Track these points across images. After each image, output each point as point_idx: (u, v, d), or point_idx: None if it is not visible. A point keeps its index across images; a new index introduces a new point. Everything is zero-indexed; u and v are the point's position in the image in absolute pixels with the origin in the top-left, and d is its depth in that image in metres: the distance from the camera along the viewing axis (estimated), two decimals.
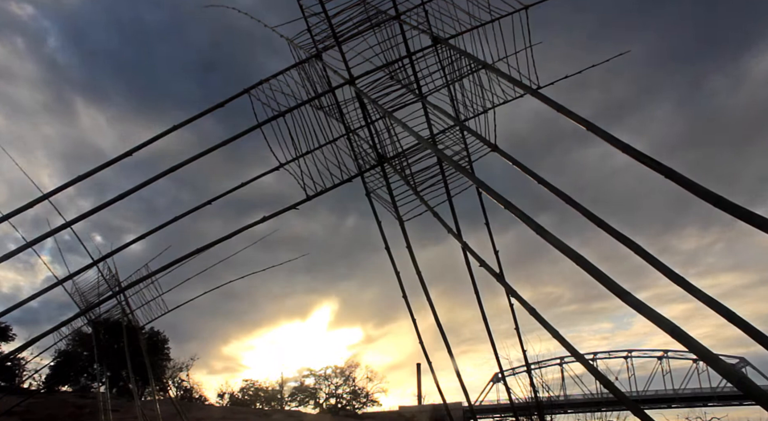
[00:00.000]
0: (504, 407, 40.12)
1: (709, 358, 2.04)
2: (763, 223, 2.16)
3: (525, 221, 3.07)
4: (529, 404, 9.83)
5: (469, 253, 4.70)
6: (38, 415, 12.60)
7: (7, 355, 16.90)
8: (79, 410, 13.57)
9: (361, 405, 34.96)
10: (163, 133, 5.63)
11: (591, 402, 34.04)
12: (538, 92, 4.01)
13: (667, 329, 2.23)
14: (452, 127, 5.79)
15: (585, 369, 3.01)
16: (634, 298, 2.42)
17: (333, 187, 5.69)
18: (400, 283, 5.98)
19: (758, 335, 2.25)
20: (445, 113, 4.82)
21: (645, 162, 2.83)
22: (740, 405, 33.46)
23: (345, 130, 5.81)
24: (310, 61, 5.48)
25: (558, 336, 3.10)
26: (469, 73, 5.35)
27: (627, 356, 54.57)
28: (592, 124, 3.23)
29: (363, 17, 5.30)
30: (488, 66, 4.66)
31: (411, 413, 31.08)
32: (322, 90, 5.56)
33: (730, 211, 2.29)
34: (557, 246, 2.87)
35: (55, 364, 19.78)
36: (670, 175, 2.64)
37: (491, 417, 40.74)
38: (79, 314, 7.34)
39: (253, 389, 33.56)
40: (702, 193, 2.44)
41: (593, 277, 2.61)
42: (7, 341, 18.87)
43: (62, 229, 5.79)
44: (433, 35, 5.14)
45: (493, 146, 5.07)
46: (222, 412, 20.82)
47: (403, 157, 5.92)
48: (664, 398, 50.51)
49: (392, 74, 5.55)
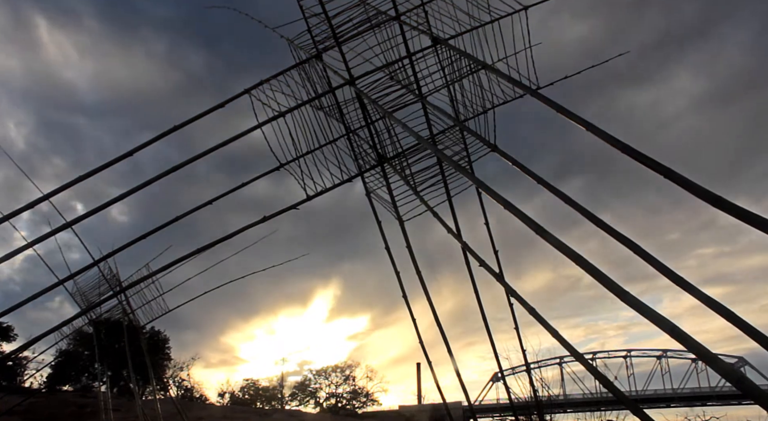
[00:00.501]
0: (504, 406, 40.17)
1: (708, 357, 2.05)
2: (761, 222, 2.17)
3: (524, 220, 3.09)
4: (528, 404, 9.85)
5: (468, 253, 4.71)
6: (40, 414, 12.62)
7: (8, 354, 16.94)
8: (81, 410, 13.59)
9: (361, 405, 35.02)
10: (162, 134, 5.65)
11: (590, 401, 34.13)
12: (537, 93, 4.02)
13: (666, 329, 2.24)
14: (452, 128, 5.80)
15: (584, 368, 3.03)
16: (633, 297, 2.43)
17: (333, 187, 5.71)
18: (400, 283, 6.00)
19: (757, 335, 2.27)
20: (445, 113, 4.83)
21: (644, 162, 2.84)
22: (739, 404, 33.52)
23: (345, 131, 5.82)
24: (310, 62, 5.49)
25: (557, 336, 3.11)
26: (468, 74, 5.36)
27: (626, 355, 54.72)
28: (592, 124, 3.25)
29: (363, 18, 5.31)
30: (488, 66, 4.68)
31: (411, 413, 31.15)
32: (322, 90, 5.57)
33: (729, 210, 2.30)
34: (557, 246, 2.88)
35: (57, 363, 19.84)
36: (669, 174, 2.65)
37: (491, 416, 40.78)
38: (80, 313, 7.35)
39: (253, 389, 33.62)
40: (701, 193, 2.45)
41: (593, 277, 2.63)
42: (8, 341, 18.91)
43: (63, 229, 5.80)
44: (433, 36, 5.15)
45: (492, 146, 5.08)
46: (223, 411, 20.85)
47: (403, 157, 5.93)
48: (664, 397, 50.62)
49: (392, 75, 5.56)
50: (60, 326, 6.35)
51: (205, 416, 17.32)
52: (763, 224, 2.17)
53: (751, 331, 2.28)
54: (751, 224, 2.21)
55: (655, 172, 2.72)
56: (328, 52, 5.52)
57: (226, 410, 22.65)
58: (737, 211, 2.26)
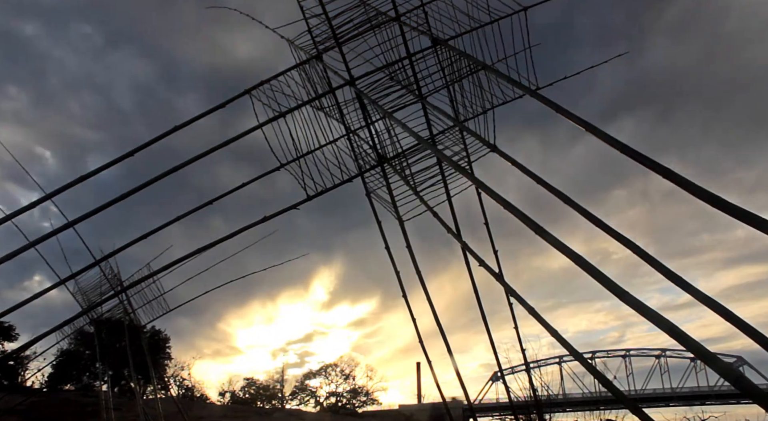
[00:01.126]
0: (503, 405, 40.27)
1: (706, 357, 2.07)
2: (758, 221, 2.19)
3: (524, 220, 3.11)
4: (528, 403, 9.87)
5: (468, 252, 4.73)
6: (41, 414, 12.65)
7: (9, 354, 16.99)
8: (82, 409, 13.62)
9: (361, 403, 35.10)
10: (164, 134, 5.67)
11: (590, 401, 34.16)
12: (537, 93, 4.05)
13: (665, 328, 2.26)
14: (452, 128, 5.83)
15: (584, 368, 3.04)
16: (633, 297, 2.45)
17: (333, 188, 5.73)
18: (400, 282, 6.02)
19: (755, 334, 2.28)
20: (445, 114, 4.86)
21: (642, 162, 2.85)
22: (738, 404, 33.58)
23: (345, 131, 5.85)
24: (310, 62, 5.51)
25: (557, 335, 3.12)
26: (468, 74, 5.38)
27: (625, 354, 54.90)
28: (591, 124, 3.26)
29: (363, 18, 5.33)
30: (487, 67, 4.70)
31: (411, 412, 31.24)
32: (322, 91, 5.59)
33: (725, 210, 2.31)
34: (556, 246, 2.90)
35: (58, 363, 19.90)
36: (668, 175, 2.66)
37: (490, 416, 40.88)
38: (81, 313, 7.38)
39: (254, 388, 33.69)
40: (698, 193, 2.46)
41: (592, 277, 2.64)
42: (10, 340, 18.95)
43: (65, 229, 5.83)
44: (433, 36, 5.17)
45: (492, 146, 5.10)
46: (223, 410, 20.90)
47: (403, 157, 5.96)
48: (662, 396, 50.75)
49: (392, 75, 5.58)
50: (61, 326, 6.37)
51: (206, 415, 17.36)
52: (761, 223, 2.18)
53: (749, 330, 2.30)
54: (749, 223, 2.20)
55: (655, 172, 2.74)
56: (328, 52, 5.55)
57: (227, 409, 22.70)
58: (734, 210, 2.27)
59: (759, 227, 2.18)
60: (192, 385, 28.14)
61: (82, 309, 7.59)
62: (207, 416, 17.04)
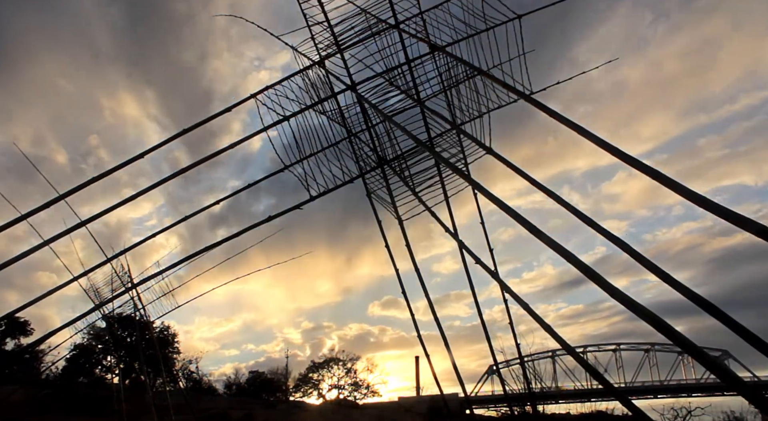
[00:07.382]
0: (498, 397, 40.64)
1: (693, 350, 2.21)
2: (744, 222, 2.31)
3: (519, 221, 3.28)
4: (522, 395, 10.10)
5: (464, 251, 4.93)
6: (55, 405, 13.02)
7: (25, 348, 17.40)
8: (94, 401, 13.99)
9: (362, 396, 35.65)
10: (172, 137, 5.91)
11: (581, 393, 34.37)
12: (531, 98, 4.22)
13: (654, 323, 2.40)
14: (449, 131, 6.02)
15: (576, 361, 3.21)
16: (623, 293, 2.59)
17: (335, 188, 5.95)
18: (400, 280, 6.24)
19: (740, 328, 2.42)
20: (443, 117, 5.04)
21: (633, 164, 2.99)
22: (723, 395, 33.72)
23: (347, 134, 6.05)
24: (313, 68, 5.71)
25: (550, 330, 3.25)
26: (465, 79, 5.56)
27: (616, 348, 55.30)
28: (584, 128, 3.42)
29: (364, 26, 5.52)
30: (483, 72, 4.88)
31: (410, 404, 31.67)
32: (324, 95, 5.80)
33: (714, 210, 2.43)
34: (550, 245, 3.05)
35: (71, 357, 20.38)
36: (657, 176, 2.80)
37: (486, 408, 41.31)
38: (93, 309, 7.66)
39: (259, 380, 34.19)
40: (687, 194, 2.60)
41: (585, 274, 2.79)
42: (25, 335, 19.42)
43: (78, 228, 6.08)
44: (431, 43, 5.35)
45: (487, 149, 5.29)
46: (230, 402, 21.29)
47: (402, 159, 6.16)
48: (651, 388, 51.20)
49: (392, 80, 5.78)
50: (74, 321, 6.66)
51: (213, 406, 17.73)
52: (747, 223, 2.29)
53: (733, 324, 2.45)
54: (735, 223, 2.32)
55: (644, 174, 2.87)
56: (330, 58, 5.74)
57: (233, 401, 23.11)
58: (722, 211, 2.39)
59: (745, 226, 2.29)
60: (200, 377, 28.65)
61: (95, 305, 7.87)
62: (214, 408, 17.40)
